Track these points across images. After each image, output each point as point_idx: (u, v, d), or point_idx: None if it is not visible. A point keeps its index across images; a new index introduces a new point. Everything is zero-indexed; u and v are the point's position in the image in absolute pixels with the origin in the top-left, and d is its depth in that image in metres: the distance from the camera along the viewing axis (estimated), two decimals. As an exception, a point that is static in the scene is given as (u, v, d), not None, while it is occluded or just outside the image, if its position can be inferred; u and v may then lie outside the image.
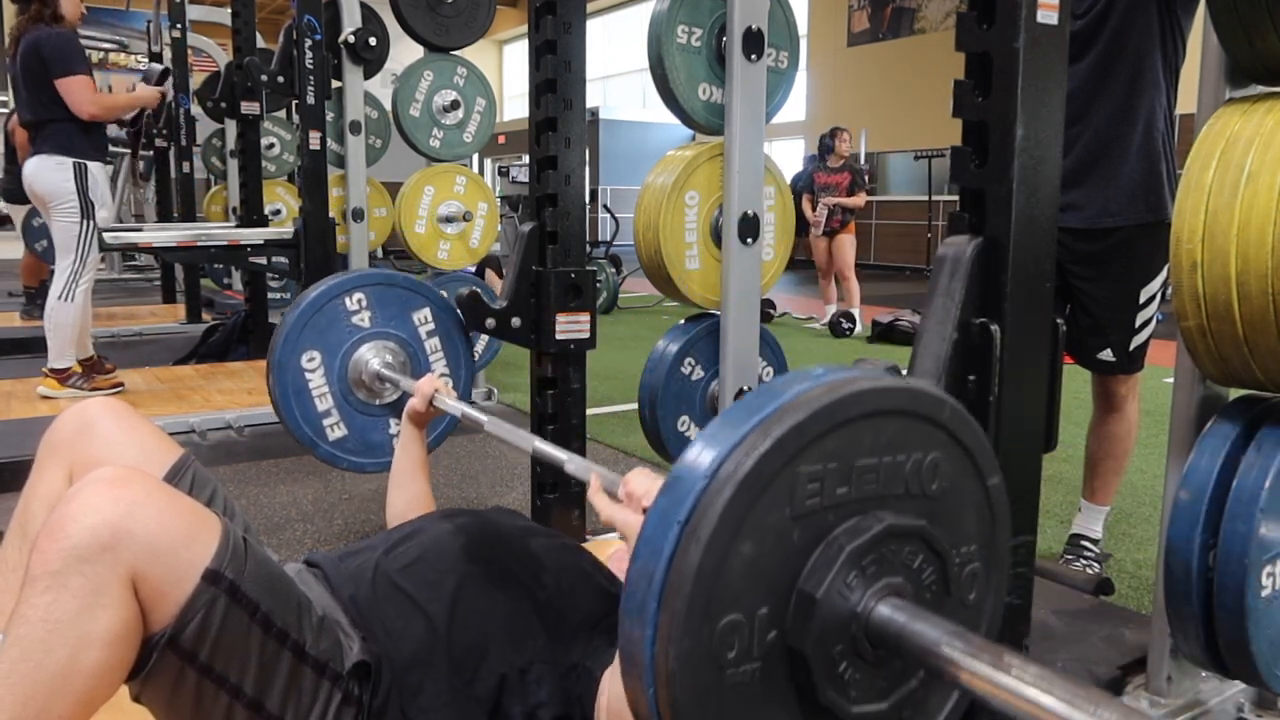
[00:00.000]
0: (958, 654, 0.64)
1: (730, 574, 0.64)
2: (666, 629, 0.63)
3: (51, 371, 3.63)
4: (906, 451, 0.73)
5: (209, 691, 0.99)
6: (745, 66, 1.96)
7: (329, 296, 1.97)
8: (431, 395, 1.69)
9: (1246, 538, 1.20)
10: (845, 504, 0.70)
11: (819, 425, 0.66)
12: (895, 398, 0.71)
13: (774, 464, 0.65)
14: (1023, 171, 1.05)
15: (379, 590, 1.23)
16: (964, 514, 0.78)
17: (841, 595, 0.68)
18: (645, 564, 0.65)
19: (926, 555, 0.74)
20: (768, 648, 0.67)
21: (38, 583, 0.90)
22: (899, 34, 13.08)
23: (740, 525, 0.64)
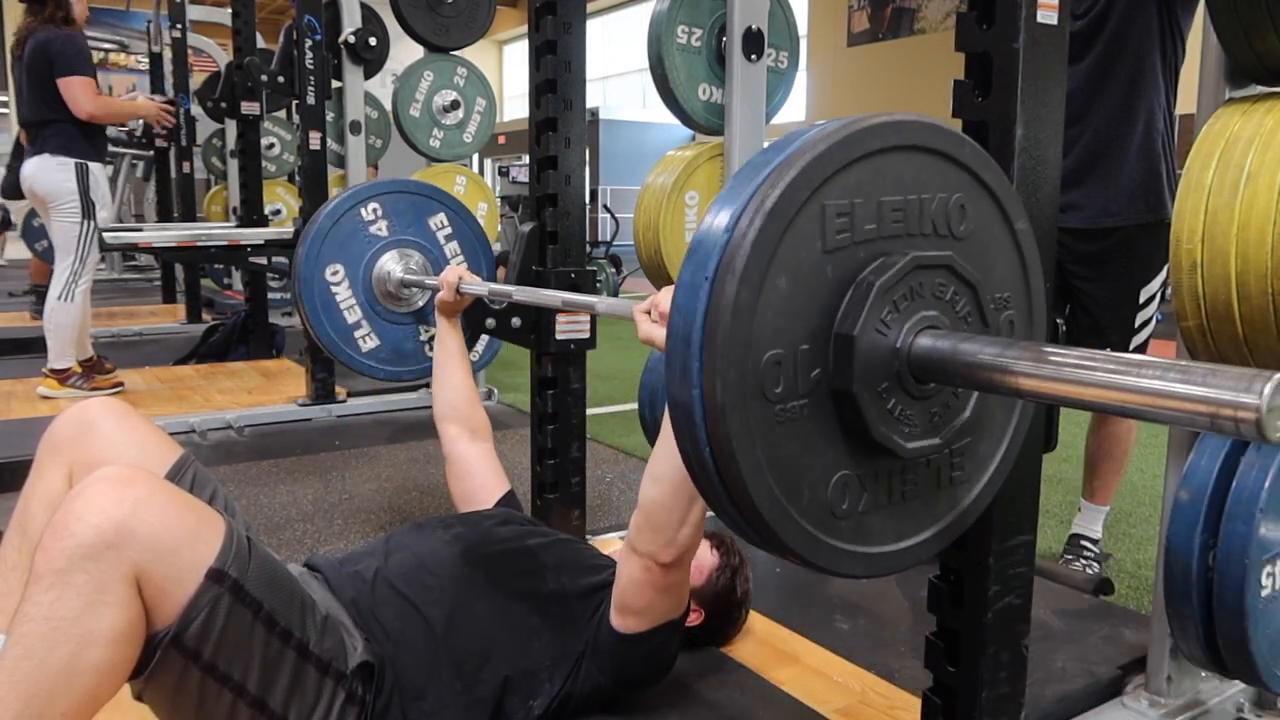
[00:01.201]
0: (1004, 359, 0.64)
1: (768, 309, 0.64)
2: (711, 364, 0.63)
3: (52, 372, 3.63)
4: (931, 191, 0.72)
5: (212, 690, 0.99)
6: (745, 66, 1.96)
7: (345, 207, 2.01)
8: (457, 282, 1.75)
9: (1246, 538, 1.20)
10: (875, 240, 0.70)
11: (841, 157, 0.66)
12: (913, 132, 0.71)
13: (800, 195, 0.65)
14: (1023, 171, 1.06)
15: (378, 594, 1.24)
16: (994, 257, 0.77)
17: (879, 333, 0.68)
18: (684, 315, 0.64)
19: (958, 287, 0.73)
20: (813, 384, 0.68)
21: (42, 580, 0.91)
22: (899, 34, 13.08)
23: (772, 258, 0.64)
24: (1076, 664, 1.62)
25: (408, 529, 1.44)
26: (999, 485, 0.81)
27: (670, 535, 1.15)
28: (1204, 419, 0.53)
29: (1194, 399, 0.53)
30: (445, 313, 1.80)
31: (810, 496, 0.68)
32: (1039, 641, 1.61)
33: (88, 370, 3.75)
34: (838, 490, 0.69)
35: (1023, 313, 0.80)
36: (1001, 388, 0.65)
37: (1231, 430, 0.52)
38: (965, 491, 0.78)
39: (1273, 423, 0.51)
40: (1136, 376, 0.56)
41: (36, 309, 6.06)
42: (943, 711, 1.14)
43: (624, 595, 1.23)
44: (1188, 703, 1.50)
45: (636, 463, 3.28)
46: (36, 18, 3.49)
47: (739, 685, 1.51)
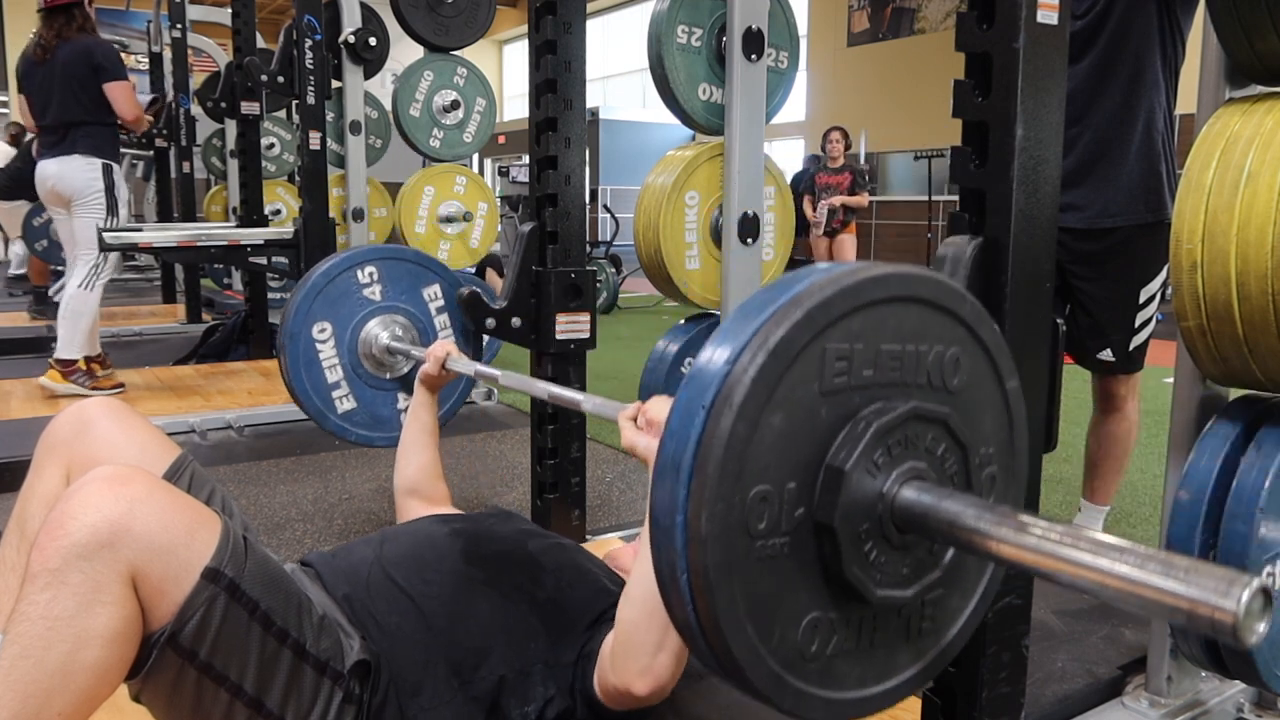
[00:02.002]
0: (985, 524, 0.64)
1: (761, 444, 0.65)
2: (700, 492, 0.63)
3: (58, 362, 3.66)
4: (929, 343, 0.73)
5: (209, 690, 0.99)
6: (745, 66, 1.96)
7: (341, 268, 2.00)
8: (445, 358, 1.72)
9: (1246, 538, 1.19)
10: (870, 386, 0.71)
11: (846, 303, 0.67)
12: (918, 285, 0.72)
13: (804, 336, 0.66)
14: (1023, 171, 1.05)
15: (373, 587, 1.23)
16: (983, 414, 0.78)
17: (869, 473, 0.69)
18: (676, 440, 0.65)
19: (949, 444, 0.74)
20: (796, 523, 0.68)
21: (37, 580, 0.90)
22: (899, 34, 13.08)
23: (771, 394, 0.65)
24: (1076, 664, 1.62)
25: (403, 523, 1.44)
26: (966, 639, 0.81)
27: (645, 662, 1.09)
28: (1181, 615, 0.53)
29: (1172, 594, 0.54)
30: (427, 386, 1.77)
31: (781, 636, 0.68)
32: (1039, 641, 1.61)
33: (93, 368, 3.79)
34: (809, 632, 0.70)
35: (1005, 469, 0.80)
36: (980, 551, 0.66)
37: (1208, 629, 0.52)
38: (932, 643, 0.79)
39: (1249, 626, 0.51)
40: (1116, 561, 0.57)
41: (36, 309, 6.07)
42: (943, 711, 1.14)
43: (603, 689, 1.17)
44: (1188, 703, 1.50)
45: (636, 463, 3.27)
46: (67, 26, 3.66)
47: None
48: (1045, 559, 0.60)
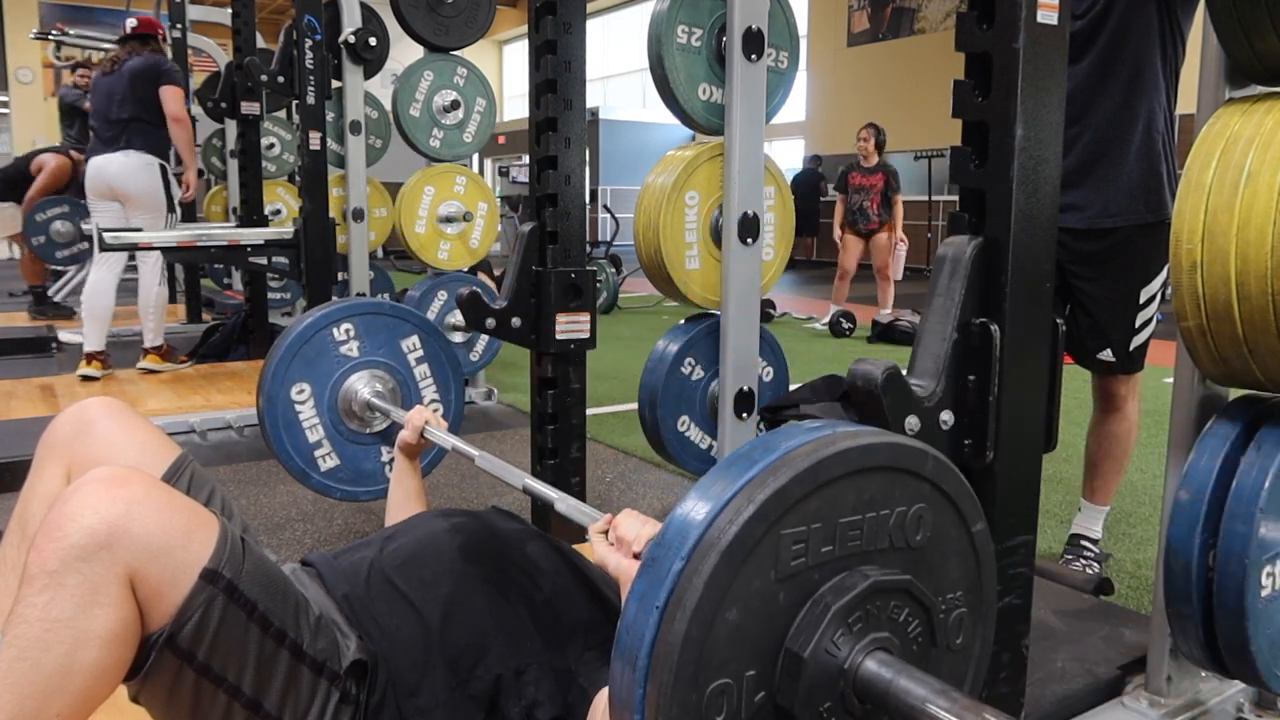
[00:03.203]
0: (942, 712, 0.64)
1: (716, 641, 0.64)
2: (655, 694, 0.63)
3: (153, 349, 4.21)
4: (890, 506, 0.73)
5: (207, 691, 0.99)
6: (745, 66, 1.96)
7: (316, 328, 1.98)
8: (422, 427, 1.69)
9: (1246, 538, 1.19)
10: (830, 562, 0.70)
11: (801, 488, 0.67)
12: (878, 454, 0.71)
13: (757, 530, 0.65)
14: (1023, 171, 1.05)
15: (373, 587, 1.23)
16: (949, 561, 0.79)
17: (829, 653, 0.68)
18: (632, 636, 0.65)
19: (912, 608, 0.74)
20: (755, 708, 0.68)
21: (35, 581, 0.90)
22: (899, 34, 13.08)
23: (725, 594, 0.64)
24: (1076, 664, 1.62)
25: (405, 521, 1.44)
26: None
27: None
28: None
29: None
30: (406, 454, 1.73)
31: None
32: (1039, 641, 1.61)
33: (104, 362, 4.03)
34: None
35: (974, 609, 0.81)
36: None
37: None
38: None
39: None
40: None
41: (36, 309, 6.07)
42: (942, 712, 1.14)
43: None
44: (1188, 703, 1.50)
45: (636, 462, 3.28)
46: (141, 47, 4.18)
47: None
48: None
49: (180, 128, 4.16)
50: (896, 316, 6.33)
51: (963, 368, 1.09)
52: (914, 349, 1.12)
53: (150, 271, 4.12)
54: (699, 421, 2.31)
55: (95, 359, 3.97)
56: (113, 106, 4.04)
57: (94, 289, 3.98)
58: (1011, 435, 1.10)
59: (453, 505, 2.03)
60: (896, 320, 6.25)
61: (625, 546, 1.09)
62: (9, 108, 15.13)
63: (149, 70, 4.08)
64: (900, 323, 6.18)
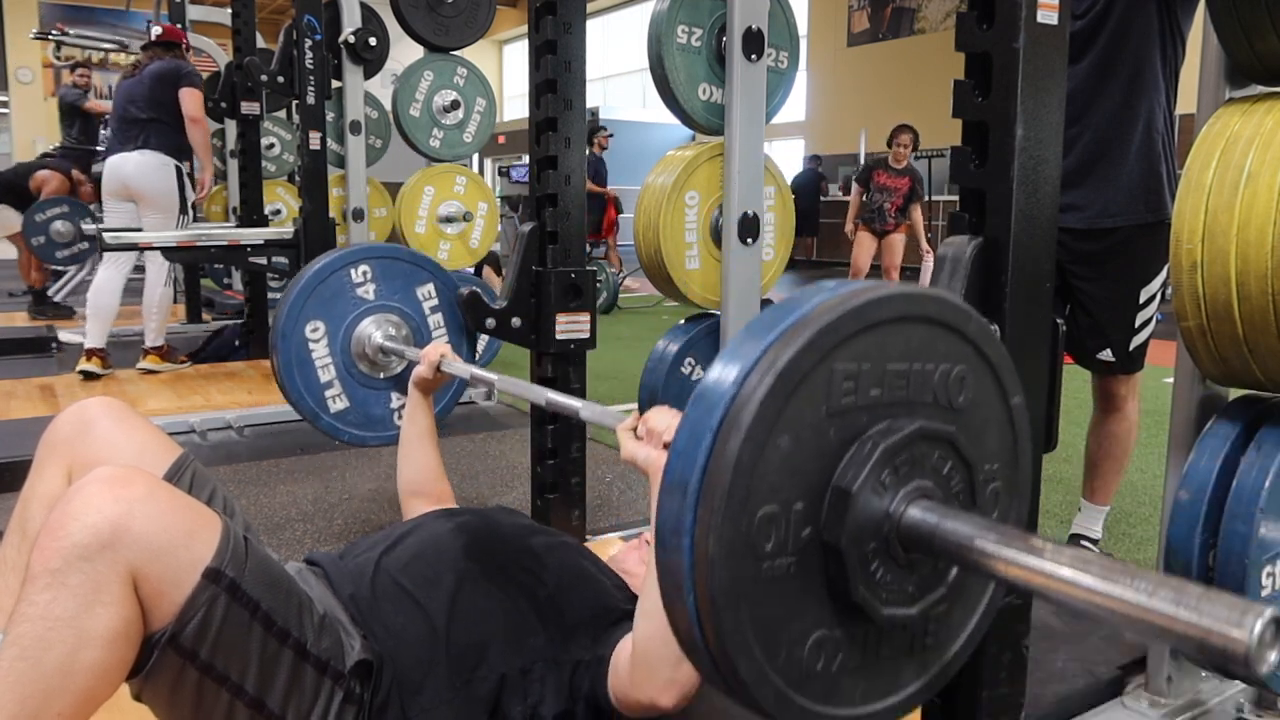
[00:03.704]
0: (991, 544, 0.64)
1: (768, 466, 0.65)
2: (707, 516, 0.63)
3: (154, 349, 4.22)
4: (934, 361, 0.73)
5: (210, 690, 0.99)
6: (745, 66, 1.96)
7: (334, 267, 1.99)
8: (439, 360, 1.71)
9: (1246, 538, 1.19)
10: (877, 406, 0.71)
11: (853, 324, 0.67)
12: (923, 304, 0.72)
13: (811, 358, 0.66)
14: (1023, 171, 1.05)
15: (378, 588, 1.23)
16: (988, 431, 0.78)
17: (875, 493, 0.69)
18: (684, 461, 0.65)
19: (955, 463, 0.74)
20: (803, 544, 0.68)
21: (37, 580, 0.90)
22: (899, 34, 13.08)
23: (779, 417, 0.65)
24: (1076, 664, 1.62)
25: (411, 520, 1.44)
26: (969, 653, 0.82)
27: (668, 674, 1.08)
28: (1192, 644, 0.53)
29: (1183, 623, 0.53)
30: (420, 388, 1.75)
31: (787, 655, 0.68)
32: (1039, 641, 1.61)
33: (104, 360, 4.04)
34: (814, 650, 0.70)
35: (1010, 485, 0.81)
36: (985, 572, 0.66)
37: (1220, 660, 0.52)
38: (936, 658, 0.79)
39: (1261, 656, 0.50)
40: (1125, 588, 0.56)
41: (36, 309, 6.07)
42: (943, 711, 1.14)
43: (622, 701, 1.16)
44: (1188, 703, 1.50)
45: (636, 463, 3.27)
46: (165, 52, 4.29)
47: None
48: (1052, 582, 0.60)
49: (198, 129, 4.22)
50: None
51: (963, 367, 1.09)
52: (914, 349, 1.12)
53: (157, 271, 4.15)
54: (699, 421, 2.30)
55: (95, 355, 3.98)
56: (131, 106, 4.11)
57: (100, 287, 4.01)
58: (1012, 435, 1.10)
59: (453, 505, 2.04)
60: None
61: (655, 438, 1.08)
62: (9, 108, 15.13)
63: (169, 73, 4.15)
64: (900, 323, 6.16)
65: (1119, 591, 0.56)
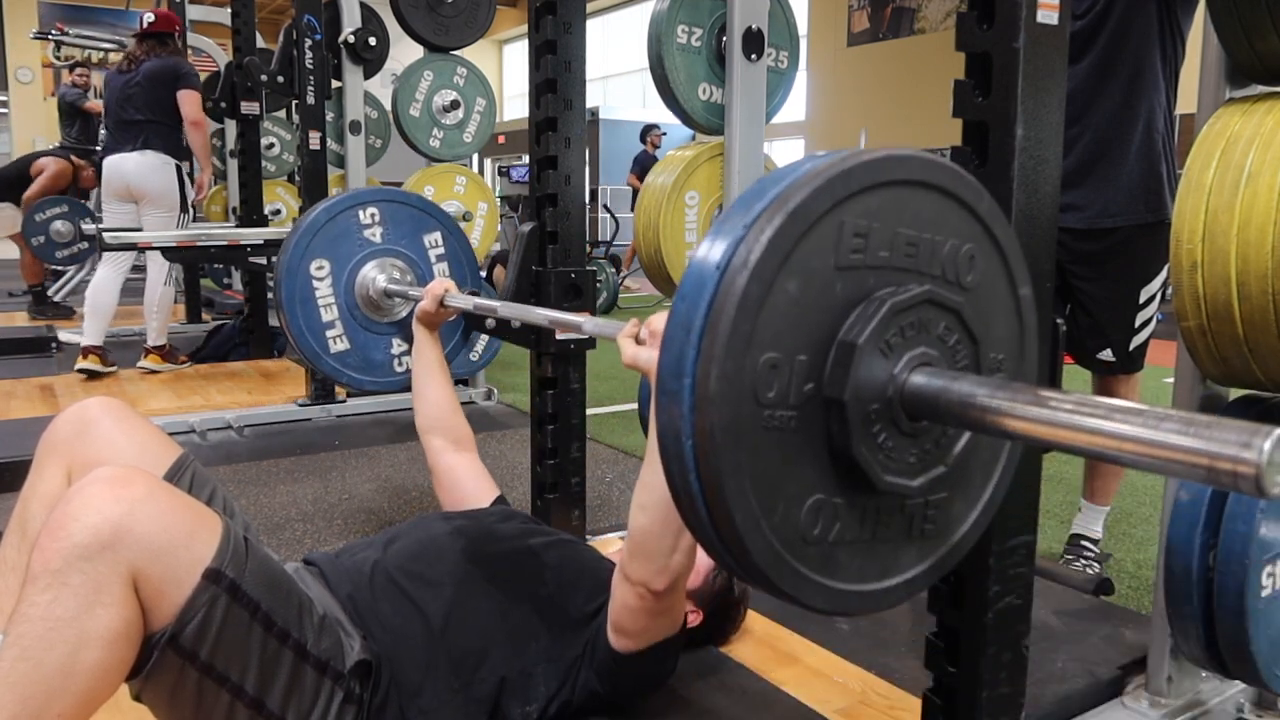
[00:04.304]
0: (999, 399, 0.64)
1: (773, 310, 0.64)
2: (710, 350, 0.62)
3: (154, 348, 4.19)
4: (945, 234, 0.72)
5: (210, 690, 0.99)
6: (745, 66, 1.96)
7: (342, 206, 1.99)
8: (442, 295, 1.71)
9: (1246, 538, 1.20)
10: (885, 268, 0.69)
11: (866, 177, 0.66)
12: (939, 173, 0.71)
13: (823, 203, 0.65)
14: (1023, 171, 1.05)
15: (376, 587, 1.23)
16: (995, 316, 0.77)
17: (881, 353, 0.68)
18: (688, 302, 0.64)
19: (962, 336, 0.73)
20: (805, 398, 0.67)
21: (38, 581, 0.90)
22: (899, 34, 13.08)
23: (787, 258, 0.64)
24: (1076, 664, 1.62)
25: (408, 522, 1.44)
26: (964, 552, 0.80)
27: (662, 563, 1.13)
28: (1200, 471, 0.52)
29: (1191, 451, 0.53)
30: (425, 323, 1.76)
31: (784, 514, 0.67)
32: (1039, 641, 1.61)
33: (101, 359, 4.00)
34: (811, 513, 0.69)
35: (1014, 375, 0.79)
36: (993, 428, 0.65)
37: (1230, 484, 0.51)
38: (936, 545, 0.78)
39: (1272, 477, 0.50)
40: (1133, 425, 0.56)
41: (36, 309, 6.07)
42: (943, 711, 1.14)
43: (619, 618, 1.21)
44: (1188, 703, 1.50)
45: (636, 462, 3.28)
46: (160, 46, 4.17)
47: (739, 686, 1.51)
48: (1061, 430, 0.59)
49: (198, 132, 4.17)
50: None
51: (963, 367, 1.09)
52: (914, 349, 1.12)
53: (158, 271, 4.13)
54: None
55: (93, 353, 3.97)
56: (128, 108, 4.06)
57: (98, 285, 4.01)
58: (1012, 435, 1.10)
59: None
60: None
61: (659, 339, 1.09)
62: (9, 108, 15.13)
63: (166, 73, 4.09)
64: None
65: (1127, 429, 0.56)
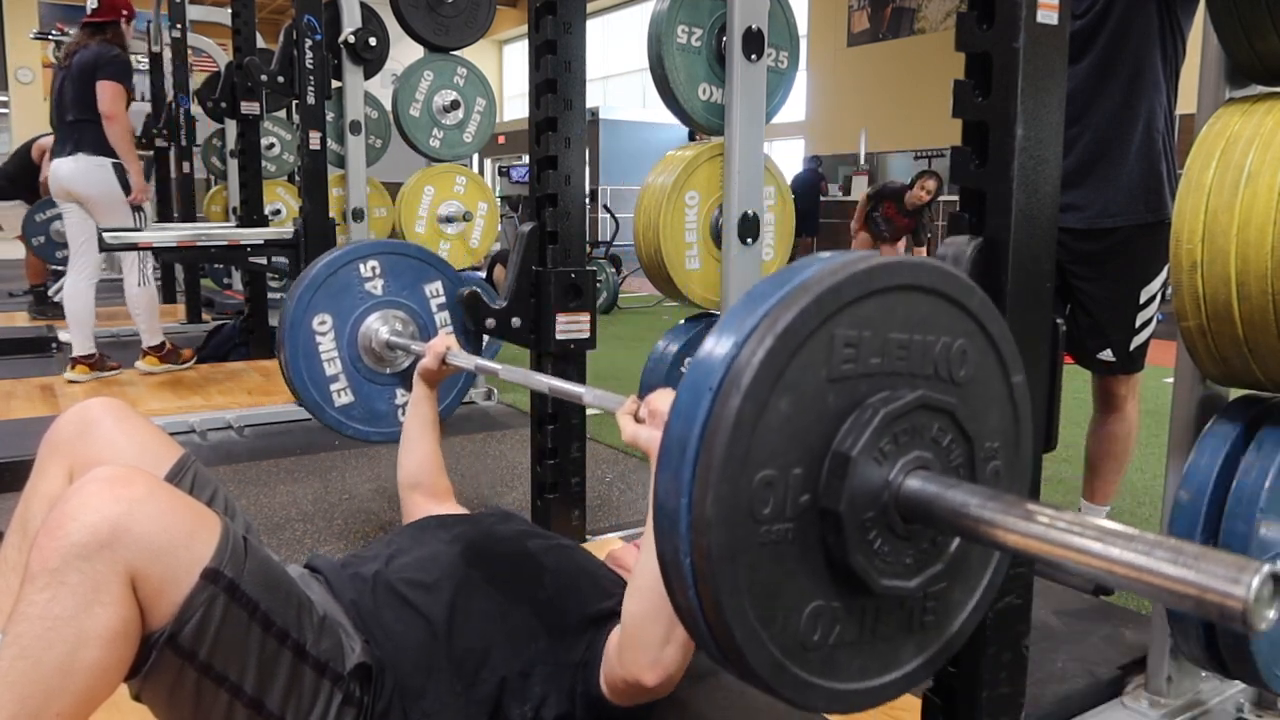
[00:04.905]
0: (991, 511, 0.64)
1: (767, 428, 0.64)
2: (705, 474, 0.63)
3: (150, 350, 4.06)
4: (936, 333, 0.73)
5: (209, 690, 0.99)
6: (745, 66, 1.96)
7: (343, 261, 2.00)
8: (444, 353, 1.71)
9: (1246, 538, 1.19)
10: (878, 374, 0.70)
11: (856, 289, 0.67)
12: (927, 275, 0.71)
13: (813, 320, 0.65)
14: (1023, 171, 1.05)
15: (379, 597, 1.24)
16: (989, 408, 0.77)
17: (875, 460, 0.68)
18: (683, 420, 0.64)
19: (955, 436, 0.74)
20: (801, 509, 0.67)
21: (36, 580, 0.90)
22: (899, 34, 13.08)
23: (779, 378, 0.64)
24: (1076, 664, 1.62)
25: (408, 530, 1.44)
26: (969, 633, 0.80)
27: (654, 655, 1.09)
28: (1190, 602, 0.53)
29: (1181, 581, 0.53)
30: (426, 380, 1.76)
31: (783, 624, 0.67)
32: (1039, 641, 1.61)
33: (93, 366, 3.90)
34: (811, 621, 0.69)
35: (1010, 464, 0.80)
36: (985, 539, 0.65)
37: (1217, 617, 0.52)
38: (935, 637, 0.78)
39: (1259, 613, 0.50)
40: (1124, 549, 0.56)
41: (37, 309, 6.07)
42: (943, 711, 1.14)
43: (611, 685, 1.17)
44: (1188, 703, 1.50)
45: (636, 462, 3.28)
46: (92, 37, 3.85)
47: (737, 687, 1.51)
48: (1052, 547, 0.60)
49: (113, 125, 3.74)
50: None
51: (963, 367, 1.09)
52: (914, 349, 1.12)
53: (130, 273, 3.97)
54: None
55: (81, 363, 3.90)
56: (63, 108, 3.82)
57: (69, 293, 3.91)
58: (1012, 435, 1.10)
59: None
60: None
61: (658, 419, 1.08)
62: (8, 108, 15.13)
63: (90, 65, 3.77)
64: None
65: (1118, 554, 0.56)
